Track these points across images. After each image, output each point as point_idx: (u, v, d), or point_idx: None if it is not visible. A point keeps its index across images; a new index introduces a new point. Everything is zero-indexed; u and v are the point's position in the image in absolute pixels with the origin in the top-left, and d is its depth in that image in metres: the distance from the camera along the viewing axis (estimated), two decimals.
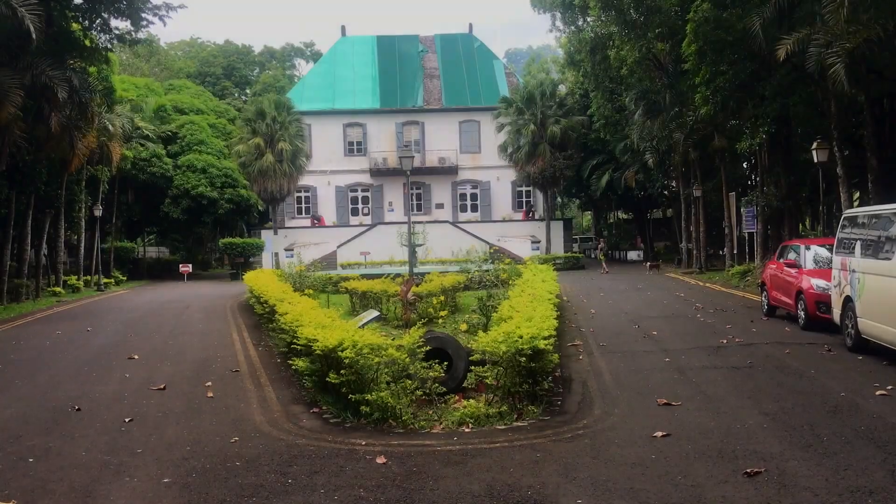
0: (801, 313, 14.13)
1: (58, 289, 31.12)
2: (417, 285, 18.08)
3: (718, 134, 29.74)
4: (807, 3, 20.37)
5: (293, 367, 9.73)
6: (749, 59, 24.37)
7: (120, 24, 27.63)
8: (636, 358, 11.45)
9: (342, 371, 7.62)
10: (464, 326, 11.33)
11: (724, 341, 12.64)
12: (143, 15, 27.19)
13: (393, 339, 8.59)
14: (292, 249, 42.61)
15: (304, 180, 47.07)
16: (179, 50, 77.84)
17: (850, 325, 11.44)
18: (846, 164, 22.11)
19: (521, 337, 7.74)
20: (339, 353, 7.59)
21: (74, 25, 26.22)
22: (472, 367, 8.44)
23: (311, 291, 17.22)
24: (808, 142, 30.20)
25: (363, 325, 9.31)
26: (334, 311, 11.24)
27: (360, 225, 47.03)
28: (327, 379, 7.91)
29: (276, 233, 44.63)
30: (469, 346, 8.75)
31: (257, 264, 42.65)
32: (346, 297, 20.41)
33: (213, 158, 45.04)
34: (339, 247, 43.31)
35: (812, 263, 14.89)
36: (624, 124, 38.72)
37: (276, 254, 42.83)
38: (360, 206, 50.57)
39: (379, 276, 22.32)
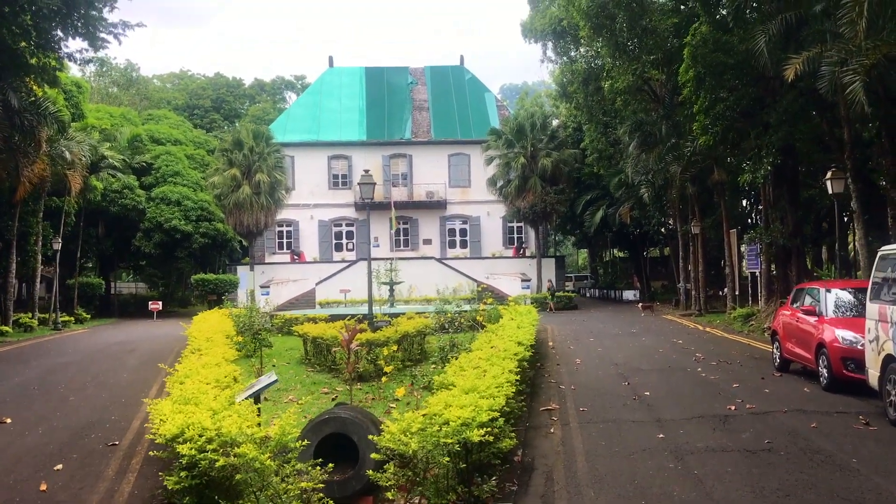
0: (824, 371, 11.74)
1: (5, 328, 28.58)
2: (375, 330, 15.70)
3: (718, 167, 27.60)
4: (816, 20, 18.42)
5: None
6: (752, 84, 22.51)
7: (73, 44, 25.75)
8: (622, 432, 9.04)
9: (182, 474, 5.24)
10: (400, 392, 8.76)
11: (733, 407, 10.24)
12: (100, 34, 25.36)
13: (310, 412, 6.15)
14: (269, 287, 40.25)
15: (286, 214, 44.73)
16: (168, 82, 76.32)
17: (893, 393, 9.06)
18: (861, 198, 19.94)
19: (446, 423, 5.35)
20: (178, 447, 5.22)
21: (23, 43, 24.26)
22: (370, 472, 5.93)
23: (240, 339, 14.72)
24: (811, 178, 28.21)
25: (252, 395, 6.94)
26: (234, 368, 8.76)
27: (343, 261, 44.58)
28: (164, 483, 5.52)
29: (252, 269, 42.17)
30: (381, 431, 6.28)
31: (232, 302, 40.17)
32: (300, 342, 18.00)
33: (189, 190, 42.82)
34: (317, 284, 40.84)
35: (834, 310, 12.53)
36: (618, 158, 36.74)
37: (252, 291, 40.36)
38: (343, 241, 48.23)
39: (349, 316, 20.07)
